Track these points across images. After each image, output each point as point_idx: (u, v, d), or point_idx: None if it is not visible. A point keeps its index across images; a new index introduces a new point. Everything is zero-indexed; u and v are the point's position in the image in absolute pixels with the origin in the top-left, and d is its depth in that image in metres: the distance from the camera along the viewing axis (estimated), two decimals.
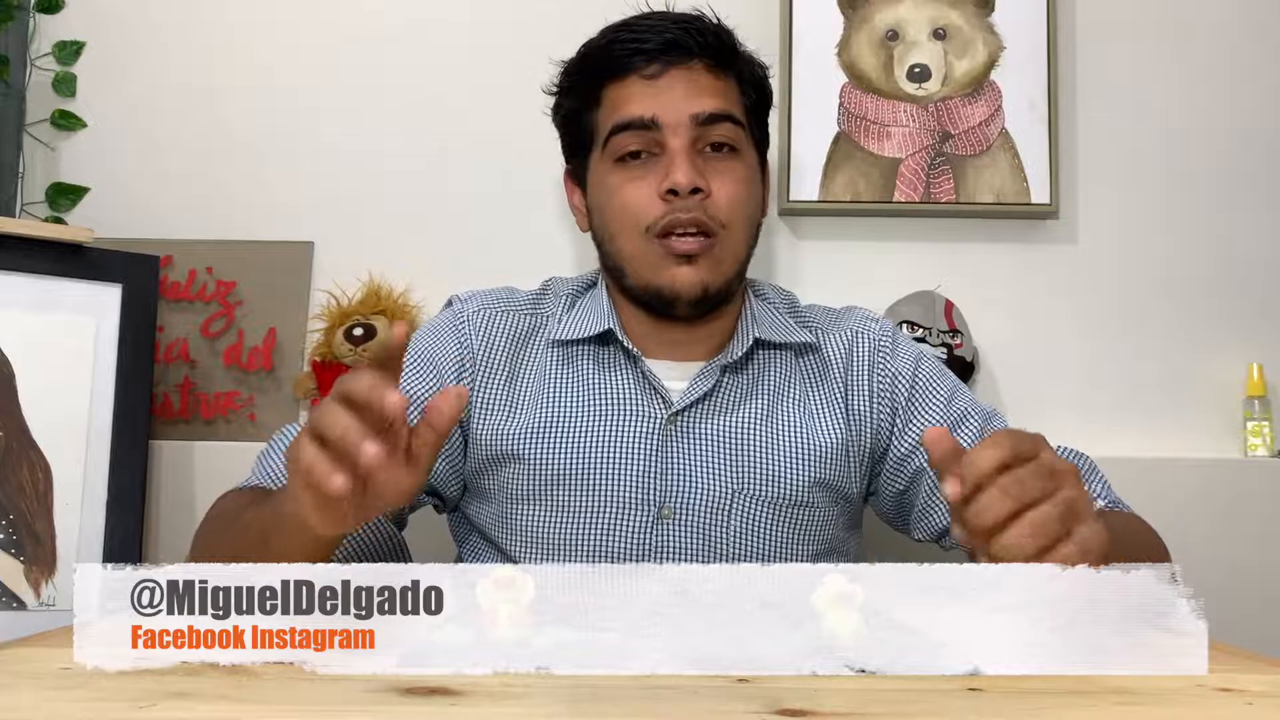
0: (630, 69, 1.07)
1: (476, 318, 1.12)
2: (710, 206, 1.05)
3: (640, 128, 1.06)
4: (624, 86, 1.08)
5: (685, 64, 1.07)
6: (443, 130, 1.57)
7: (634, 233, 1.06)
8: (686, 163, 1.04)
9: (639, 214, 1.05)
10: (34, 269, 1.34)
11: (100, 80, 1.58)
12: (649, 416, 1.07)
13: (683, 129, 1.05)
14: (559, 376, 1.09)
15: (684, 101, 1.06)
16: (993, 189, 1.50)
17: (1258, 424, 1.47)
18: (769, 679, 0.64)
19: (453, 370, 1.09)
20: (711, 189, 1.05)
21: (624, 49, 1.08)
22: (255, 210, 1.56)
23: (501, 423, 1.08)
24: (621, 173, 1.07)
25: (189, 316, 1.53)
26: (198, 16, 1.59)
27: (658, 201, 1.05)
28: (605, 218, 1.09)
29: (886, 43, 1.53)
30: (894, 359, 1.12)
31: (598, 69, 1.10)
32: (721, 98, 1.08)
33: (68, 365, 1.35)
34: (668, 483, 1.05)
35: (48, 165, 1.58)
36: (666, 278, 1.05)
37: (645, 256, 1.06)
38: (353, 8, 1.59)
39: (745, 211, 1.08)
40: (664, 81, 1.07)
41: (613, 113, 1.08)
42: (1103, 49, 1.55)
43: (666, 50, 1.07)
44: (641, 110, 1.06)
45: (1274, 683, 0.66)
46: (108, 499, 1.34)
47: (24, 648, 0.72)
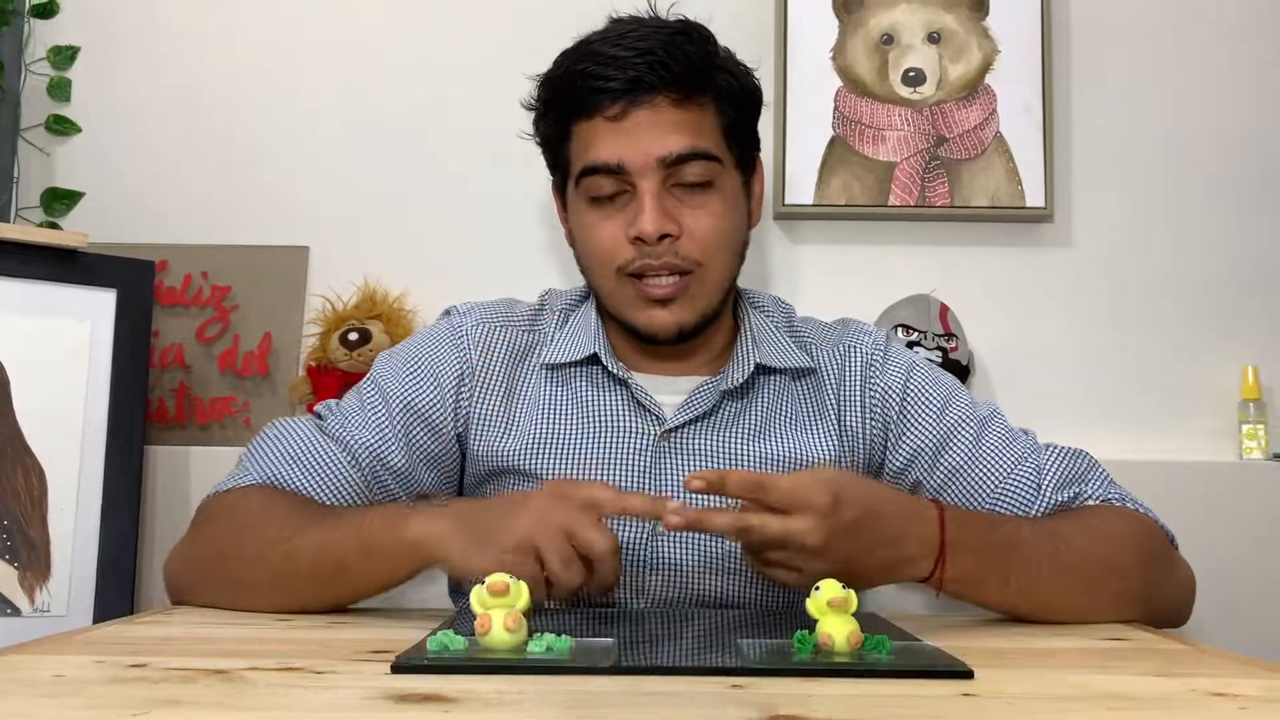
0: (595, 109, 1.03)
1: (476, 332, 1.11)
2: (682, 247, 1.03)
3: (608, 172, 1.03)
4: (590, 127, 1.04)
5: (650, 102, 1.02)
6: (438, 135, 1.57)
7: (607, 272, 1.05)
8: (653, 208, 1.01)
9: (611, 255, 1.04)
10: (29, 274, 1.34)
11: (95, 85, 1.58)
12: (643, 433, 1.06)
13: (650, 172, 1.02)
14: (554, 395, 1.09)
15: (650, 144, 1.01)
16: (988, 192, 1.51)
17: (1253, 427, 1.47)
18: (764, 684, 0.64)
19: (452, 383, 1.09)
20: (684, 228, 1.03)
21: (588, 86, 1.03)
22: (250, 215, 1.56)
23: (498, 438, 1.08)
24: (595, 212, 1.05)
25: (184, 321, 1.53)
26: (192, 22, 1.59)
27: (627, 245, 1.03)
28: (582, 251, 1.09)
29: (881, 46, 1.53)
30: (884, 374, 1.11)
31: (564, 104, 1.06)
32: (691, 133, 1.03)
33: (62, 370, 1.35)
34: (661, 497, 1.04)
35: (42, 170, 1.58)
36: (643, 319, 1.05)
37: (620, 295, 1.06)
38: (347, 13, 1.59)
39: (723, 243, 1.06)
40: (628, 124, 1.02)
41: (583, 152, 1.05)
42: (1097, 52, 1.56)
43: (630, 89, 1.02)
44: (608, 155, 1.02)
45: (1267, 687, 0.66)
46: (102, 504, 1.34)
47: (18, 654, 0.72)
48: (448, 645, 0.69)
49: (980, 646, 0.80)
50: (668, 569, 1.03)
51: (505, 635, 0.69)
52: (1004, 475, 1.03)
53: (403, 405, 1.07)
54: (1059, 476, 1.02)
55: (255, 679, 0.64)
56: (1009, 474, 1.03)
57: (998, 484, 1.03)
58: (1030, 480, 1.02)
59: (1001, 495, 1.03)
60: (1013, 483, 1.03)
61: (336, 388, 1.39)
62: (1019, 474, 1.03)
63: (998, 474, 1.04)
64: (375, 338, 1.44)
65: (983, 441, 1.06)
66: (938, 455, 1.07)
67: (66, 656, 0.71)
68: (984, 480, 1.04)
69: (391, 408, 1.07)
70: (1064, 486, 1.01)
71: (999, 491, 1.03)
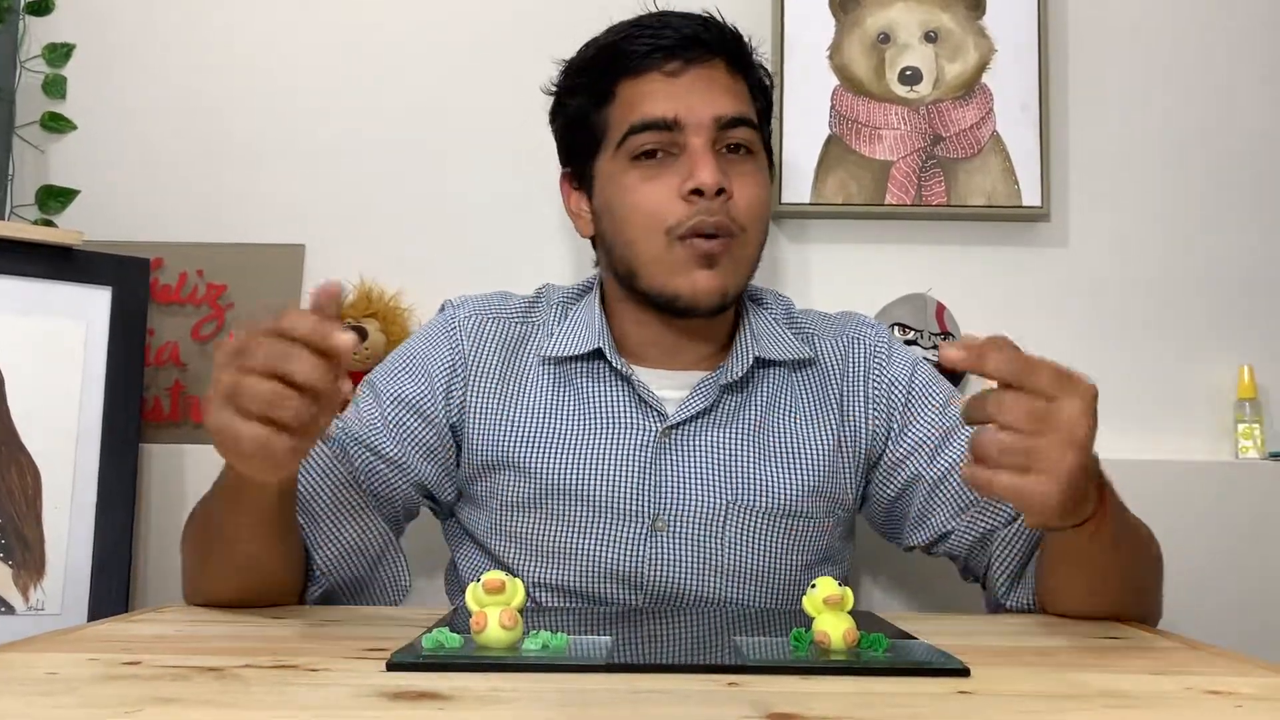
0: (649, 65, 1.04)
1: (469, 323, 1.11)
2: (732, 208, 1.02)
3: (661, 128, 1.02)
4: (642, 83, 1.04)
5: (707, 62, 1.04)
6: (434, 132, 1.56)
7: (654, 235, 1.02)
8: (712, 162, 1.01)
9: (660, 215, 1.02)
10: (24, 272, 1.34)
11: (90, 82, 1.58)
12: (643, 429, 1.06)
13: (704, 130, 1.02)
14: (553, 390, 1.08)
15: (706, 102, 1.03)
16: (984, 192, 1.51)
17: (1249, 426, 1.47)
18: (759, 682, 0.64)
19: (443, 373, 1.08)
20: (733, 191, 1.02)
21: (642, 44, 1.04)
22: (246, 213, 1.56)
23: (495, 431, 1.07)
24: (637, 172, 1.03)
25: (180, 319, 1.52)
26: (188, 18, 1.59)
27: (679, 202, 1.01)
28: (618, 219, 1.05)
29: (878, 45, 1.53)
30: (890, 365, 1.11)
31: (612, 65, 1.06)
32: (740, 100, 1.06)
33: (57, 368, 1.34)
34: (662, 494, 1.04)
35: (38, 167, 1.57)
36: (687, 283, 1.02)
37: (665, 259, 1.02)
38: (344, 12, 1.59)
39: (762, 214, 1.07)
40: (685, 80, 1.03)
41: (629, 111, 1.04)
42: (1094, 52, 1.55)
43: (688, 47, 1.03)
44: (663, 110, 1.02)
45: (1264, 685, 0.66)
46: (97, 503, 1.34)
47: (11, 652, 0.72)
48: (443, 643, 0.69)
49: (976, 645, 0.80)
50: (665, 566, 1.03)
51: (501, 632, 0.69)
52: None
53: (392, 397, 1.07)
54: None
55: (249, 677, 0.64)
56: None
57: None
58: None
59: None
60: None
61: None
62: None
63: None
64: (371, 336, 1.44)
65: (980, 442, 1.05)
66: (939, 449, 1.07)
67: (60, 654, 0.71)
68: None
69: (381, 400, 1.07)
70: None
71: None
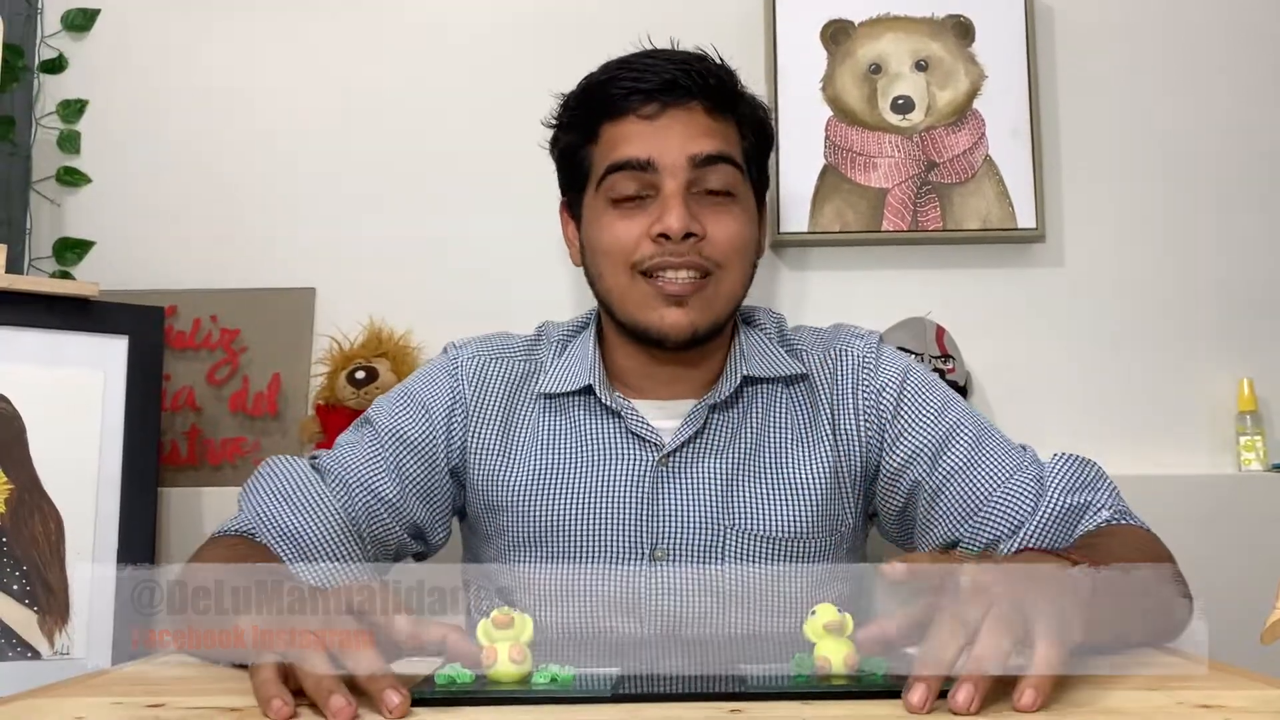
0: (628, 108, 1.06)
1: (470, 364, 1.13)
2: (706, 247, 1.04)
3: (636, 169, 1.04)
4: (621, 125, 1.06)
5: (684, 104, 1.06)
6: (439, 177, 1.60)
7: (620, 269, 1.05)
8: (679, 207, 1.02)
9: (626, 251, 1.04)
10: (42, 324, 1.37)
11: (103, 137, 1.62)
12: (639, 460, 1.07)
13: (679, 171, 1.04)
14: (551, 426, 1.10)
15: (681, 143, 1.04)
16: (979, 215, 1.53)
17: (1250, 439, 1.48)
18: (762, 708, 0.65)
19: (443, 414, 1.10)
20: (707, 231, 1.04)
21: (622, 87, 1.06)
22: (257, 258, 1.59)
23: (497, 470, 1.09)
24: (616, 211, 1.06)
25: (195, 365, 1.55)
26: (197, 72, 1.63)
27: (648, 242, 1.04)
28: (595, 253, 1.08)
29: (870, 76, 1.56)
30: (877, 374, 1.10)
31: (596, 106, 1.08)
32: (720, 139, 1.06)
33: (77, 417, 1.37)
34: (659, 524, 1.05)
35: (54, 221, 1.61)
36: (655, 317, 1.04)
37: (632, 294, 1.05)
38: (348, 62, 1.63)
39: (742, 251, 1.07)
40: (661, 122, 1.05)
41: (609, 152, 1.06)
42: (1083, 74, 1.58)
43: (665, 90, 1.05)
44: (637, 151, 1.04)
45: (1255, 698, 0.67)
46: (119, 547, 1.36)
47: (39, 698, 0.74)
48: (455, 679, 0.71)
49: None
50: (665, 595, 1.04)
51: (510, 667, 0.71)
52: (1007, 474, 1.03)
53: (392, 434, 1.08)
54: (1067, 479, 1.01)
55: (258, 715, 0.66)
56: (1012, 474, 1.03)
57: (1000, 483, 1.03)
58: (1033, 480, 1.02)
59: (1005, 495, 1.02)
60: (1016, 482, 1.02)
61: (345, 426, 1.41)
62: (1022, 474, 1.03)
63: (1000, 473, 1.03)
64: (382, 376, 1.46)
65: (983, 443, 1.06)
66: (938, 455, 1.06)
67: (86, 699, 0.73)
68: (986, 479, 1.03)
69: (382, 438, 1.08)
70: (1073, 491, 1.00)
71: (1002, 491, 1.02)
